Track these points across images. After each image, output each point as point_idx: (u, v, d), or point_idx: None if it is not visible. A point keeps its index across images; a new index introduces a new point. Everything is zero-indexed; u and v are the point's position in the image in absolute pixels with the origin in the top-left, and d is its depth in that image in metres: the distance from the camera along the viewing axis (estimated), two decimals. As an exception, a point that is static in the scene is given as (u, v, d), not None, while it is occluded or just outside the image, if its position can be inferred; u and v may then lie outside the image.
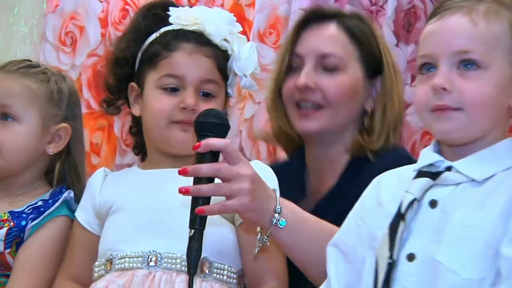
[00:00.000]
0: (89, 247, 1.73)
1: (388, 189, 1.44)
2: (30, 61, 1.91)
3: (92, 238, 1.73)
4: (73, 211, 1.79)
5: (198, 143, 1.44)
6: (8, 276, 1.73)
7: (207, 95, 1.70)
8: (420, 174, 1.39)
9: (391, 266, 1.30)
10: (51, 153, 1.83)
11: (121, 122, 2.83)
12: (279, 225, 1.47)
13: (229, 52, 1.74)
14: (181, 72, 1.69)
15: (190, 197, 1.44)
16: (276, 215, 1.47)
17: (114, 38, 1.90)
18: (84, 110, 2.88)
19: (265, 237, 1.49)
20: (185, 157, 1.67)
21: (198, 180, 1.43)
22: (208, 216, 1.54)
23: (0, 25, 3.11)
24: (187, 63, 1.69)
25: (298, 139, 1.95)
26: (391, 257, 1.30)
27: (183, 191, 1.42)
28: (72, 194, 1.80)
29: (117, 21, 2.86)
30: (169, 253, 1.58)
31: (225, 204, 1.44)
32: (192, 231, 1.43)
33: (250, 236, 1.60)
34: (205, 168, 1.42)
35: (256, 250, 1.52)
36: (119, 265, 1.61)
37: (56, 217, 1.77)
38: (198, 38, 1.72)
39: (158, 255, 1.58)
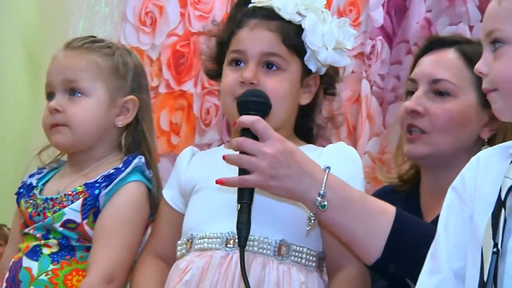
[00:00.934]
0: (174, 225, 1.74)
1: (487, 173, 1.37)
2: (95, 36, 1.92)
3: (177, 216, 1.75)
4: (145, 176, 1.81)
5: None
6: (89, 248, 1.74)
7: (271, 67, 1.69)
8: None
9: (497, 256, 1.24)
10: (120, 125, 1.84)
11: (200, 102, 2.85)
12: (321, 208, 1.50)
13: (303, 27, 1.72)
14: (243, 46, 1.69)
15: None
16: (319, 198, 1.49)
17: (207, 24, 1.92)
18: (163, 90, 2.92)
19: (312, 215, 1.51)
20: None
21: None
22: (287, 199, 1.54)
23: (82, 6, 3.17)
24: (249, 38, 1.69)
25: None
26: (495, 246, 1.24)
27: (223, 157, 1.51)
28: (143, 160, 1.80)
29: (196, 0, 2.87)
30: None
31: (244, 177, 1.48)
32: (239, 205, 1.48)
33: None
34: (232, 142, 1.50)
35: (307, 228, 1.54)
36: (199, 245, 1.62)
37: (128, 183, 1.77)
38: (265, 13, 1.71)
39: (236, 237, 1.57)
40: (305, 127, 1.78)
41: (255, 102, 1.53)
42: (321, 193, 1.49)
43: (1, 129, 4.30)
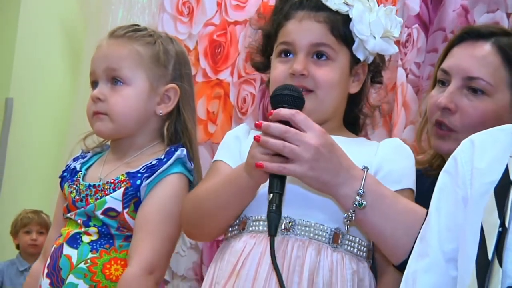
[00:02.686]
0: None
1: (485, 154, 1.36)
2: (138, 25, 1.93)
3: None
4: (186, 169, 1.82)
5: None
6: (128, 237, 1.77)
7: (321, 57, 1.69)
8: None
9: (503, 234, 1.23)
10: (161, 114, 1.85)
11: (236, 91, 2.87)
12: (358, 207, 1.50)
13: (350, 16, 1.72)
14: (292, 38, 1.70)
15: None
16: (358, 197, 1.49)
17: (253, 17, 1.92)
18: (200, 79, 2.94)
19: (351, 213, 1.51)
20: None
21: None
22: (320, 192, 1.55)
23: (121, -3, 3.21)
24: (297, 30, 1.70)
25: None
26: (502, 224, 1.23)
27: (255, 138, 1.49)
28: (185, 152, 1.81)
29: (233, -10, 2.89)
30: (303, 221, 1.58)
31: (284, 165, 1.47)
32: (271, 194, 1.48)
33: None
34: (273, 126, 1.48)
35: (346, 227, 1.55)
36: (253, 227, 1.62)
37: (170, 175, 1.79)
38: (312, 5, 1.71)
39: (292, 222, 1.58)
40: (352, 116, 1.79)
41: (290, 96, 1.53)
42: (360, 191, 1.50)
43: (42, 115, 4.38)
